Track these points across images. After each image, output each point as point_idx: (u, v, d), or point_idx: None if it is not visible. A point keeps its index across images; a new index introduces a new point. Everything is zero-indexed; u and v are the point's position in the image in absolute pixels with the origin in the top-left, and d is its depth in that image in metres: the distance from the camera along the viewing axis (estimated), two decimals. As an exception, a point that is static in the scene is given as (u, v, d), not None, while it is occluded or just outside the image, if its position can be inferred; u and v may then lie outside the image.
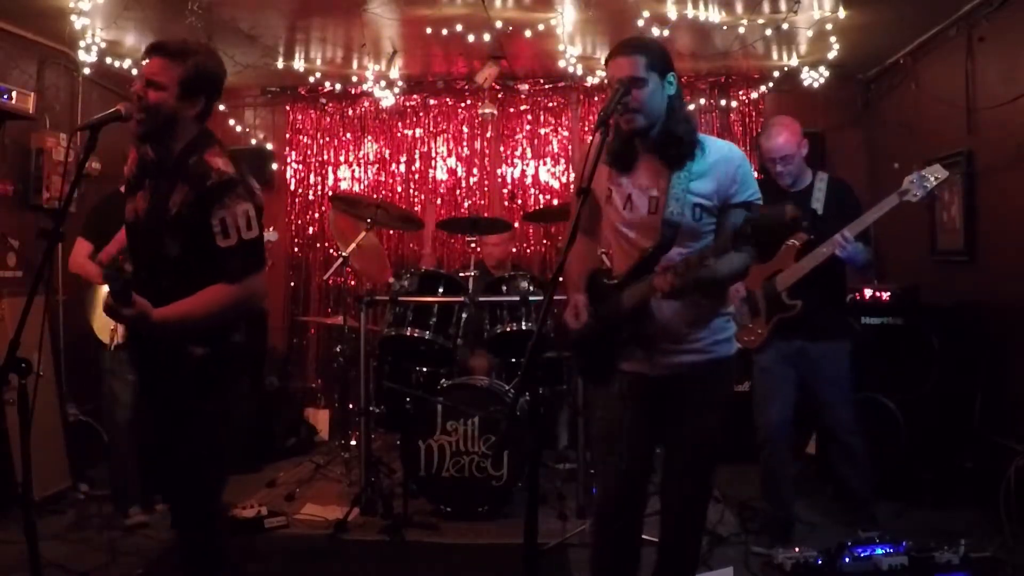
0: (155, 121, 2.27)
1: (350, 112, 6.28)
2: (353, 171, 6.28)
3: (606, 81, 2.37)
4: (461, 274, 4.42)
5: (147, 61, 2.29)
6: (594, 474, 2.72)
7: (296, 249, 6.29)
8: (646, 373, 2.43)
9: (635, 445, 2.46)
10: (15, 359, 2.03)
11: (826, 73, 5.34)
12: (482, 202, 6.18)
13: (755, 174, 2.37)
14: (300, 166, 6.33)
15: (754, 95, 5.96)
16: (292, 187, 6.32)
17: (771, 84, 5.77)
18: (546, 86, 6.09)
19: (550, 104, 6.16)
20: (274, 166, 6.24)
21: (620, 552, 2.52)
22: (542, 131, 6.18)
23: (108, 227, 4.05)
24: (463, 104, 6.21)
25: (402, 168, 6.24)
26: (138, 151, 2.42)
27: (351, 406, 5.12)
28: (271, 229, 4.35)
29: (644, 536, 2.57)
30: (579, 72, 5.38)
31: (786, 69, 5.45)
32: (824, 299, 3.46)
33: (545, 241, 6.13)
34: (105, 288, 3.93)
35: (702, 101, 5.90)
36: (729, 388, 2.59)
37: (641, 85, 2.26)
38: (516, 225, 5.68)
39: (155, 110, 2.26)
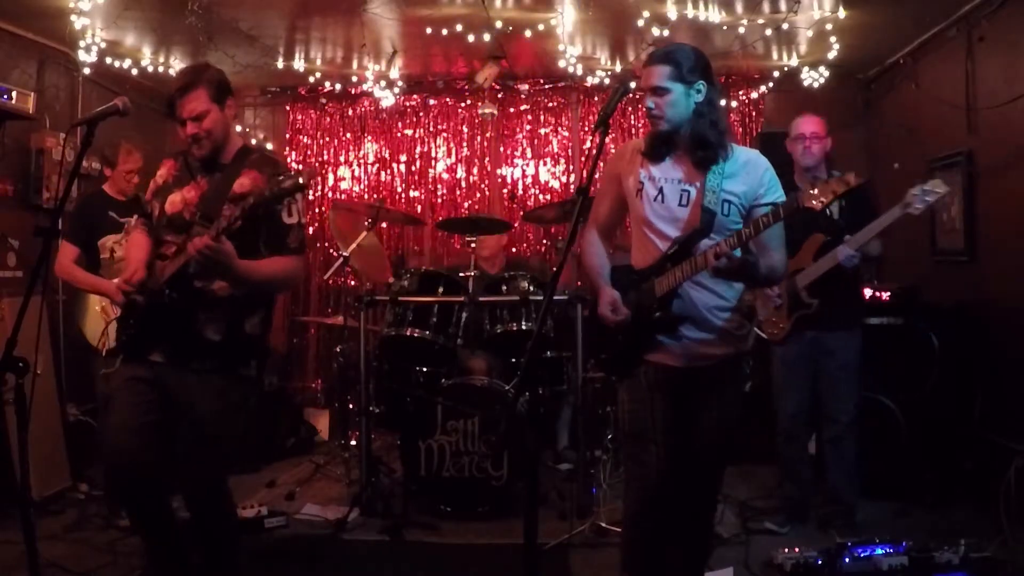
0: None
1: (350, 112, 6.28)
2: (353, 171, 6.28)
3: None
4: (461, 274, 4.42)
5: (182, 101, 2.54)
6: (625, 471, 2.72)
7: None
8: (672, 364, 2.48)
9: (668, 435, 2.48)
10: (12, 358, 2.03)
11: (826, 73, 5.34)
12: (481, 203, 6.18)
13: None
14: (300, 166, 6.33)
15: (754, 95, 5.95)
16: (292, 187, 6.32)
17: (771, 84, 5.77)
18: (546, 86, 6.09)
19: (550, 104, 6.16)
20: (274, 166, 6.23)
21: (651, 552, 2.54)
22: (542, 131, 6.18)
23: (93, 228, 4.02)
24: (463, 104, 6.21)
25: (402, 168, 6.24)
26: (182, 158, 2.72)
27: (351, 406, 5.12)
28: None
29: None
30: (579, 72, 5.38)
31: (786, 69, 5.44)
32: (838, 293, 3.62)
33: (545, 241, 6.13)
34: (95, 297, 3.94)
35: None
36: (745, 382, 2.63)
37: (663, 94, 2.41)
38: (516, 225, 5.68)
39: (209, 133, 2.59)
